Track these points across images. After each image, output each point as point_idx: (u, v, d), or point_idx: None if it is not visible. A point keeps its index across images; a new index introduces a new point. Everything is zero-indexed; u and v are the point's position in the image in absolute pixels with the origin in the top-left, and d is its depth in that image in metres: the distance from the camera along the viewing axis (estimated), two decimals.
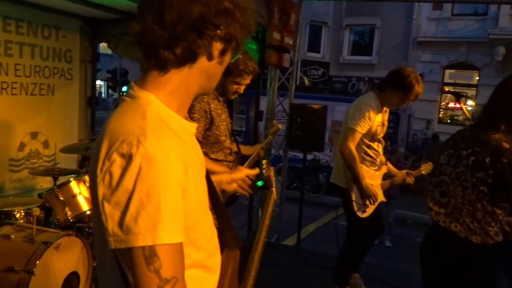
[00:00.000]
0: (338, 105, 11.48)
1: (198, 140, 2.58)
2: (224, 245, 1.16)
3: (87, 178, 3.13)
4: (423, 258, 2.29)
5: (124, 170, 0.85)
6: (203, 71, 1.02)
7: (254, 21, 1.06)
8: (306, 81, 16.61)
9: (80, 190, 3.08)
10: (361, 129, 3.23)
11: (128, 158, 0.86)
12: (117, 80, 15.67)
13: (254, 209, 5.07)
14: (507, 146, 1.93)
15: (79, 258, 2.88)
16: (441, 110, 16.46)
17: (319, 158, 11.17)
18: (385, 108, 3.38)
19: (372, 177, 3.44)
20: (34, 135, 4.37)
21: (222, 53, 1.02)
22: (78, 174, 3.23)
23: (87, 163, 3.27)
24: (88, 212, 3.08)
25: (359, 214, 3.39)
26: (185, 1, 0.93)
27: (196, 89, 1.05)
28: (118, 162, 0.86)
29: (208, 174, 1.15)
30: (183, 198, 0.90)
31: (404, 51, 16.24)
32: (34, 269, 2.47)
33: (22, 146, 4.24)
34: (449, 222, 2.09)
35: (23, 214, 2.95)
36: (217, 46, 1.00)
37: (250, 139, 5.07)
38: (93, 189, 0.92)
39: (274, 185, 1.71)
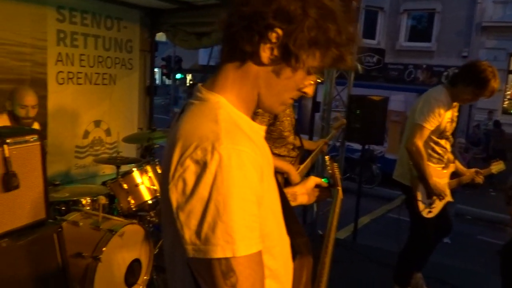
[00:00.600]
0: (394, 94, 11.06)
1: None
2: (295, 251, 1.11)
3: (148, 168, 3.19)
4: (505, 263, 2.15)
5: (199, 178, 0.81)
6: (255, 75, 0.92)
7: (348, 53, 0.91)
8: (360, 69, 16.15)
9: (142, 180, 3.15)
10: (430, 125, 3.03)
11: (203, 165, 0.81)
12: (171, 67, 16.01)
13: (308, 206, 5.00)
14: None
15: (141, 245, 2.95)
16: (505, 100, 15.48)
17: (373, 148, 10.85)
18: (455, 104, 3.17)
19: (439, 175, 3.25)
20: (97, 123, 4.53)
21: (275, 62, 0.89)
22: (140, 164, 3.30)
23: (148, 154, 3.34)
24: (150, 202, 3.14)
25: (424, 214, 3.22)
26: None
27: (255, 96, 0.95)
28: (192, 169, 0.82)
29: (276, 176, 1.08)
30: (258, 205, 0.85)
31: (467, 37, 15.35)
32: (101, 256, 2.55)
33: (86, 133, 4.41)
34: None
35: (89, 201, 3.05)
36: (266, 50, 0.88)
37: (304, 129, 4.95)
38: (164, 192, 0.88)
39: (340, 183, 1.62)
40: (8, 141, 1.86)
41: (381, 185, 9.98)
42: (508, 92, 15.36)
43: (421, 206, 3.20)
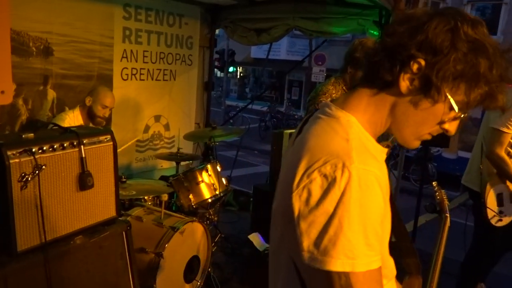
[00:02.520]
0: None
1: None
2: (405, 271, 1.13)
3: (209, 167, 3.23)
4: None
5: (326, 192, 0.83)
6: (391, 104, 0.94)
7: (497, 94, 0.89)
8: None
9: (203, 178, 3.19)
10: (508, 129, 2.85)
11: (332, 180, 0.83)
12: (224, 61, 16.12)
13: None
14: None
15: (200, 243, 3.01)
16: None
17: (430, 147, 10.46)
18: None
19: None
20: (157, 118, 4.65)
21: (413, 92, 0.90)
22: (201, 163, 3.35)
23: (209, 152, 3.38)
24: (209, 200, 3.19)
25: (493, 222, 3.04)
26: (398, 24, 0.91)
27: (386, 124, 0.97)
28: (318, 182, 0.85)
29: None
30: (381, 225, 0.87)
31: None
32: (163, 252, 2.62)
33: (147, 128, 4.54)
34: None
35: (151, 197, 3.14)
36: (406, 79, 0.89)
37: None
38: (283, 201, 0.91)
39: (447, 210, 1.59)
40: (84, 141, 1.94)
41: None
42: None
43: (490, 213, 3.01)
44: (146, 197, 3.13)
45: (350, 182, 0.82)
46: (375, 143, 0.97)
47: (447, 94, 0.87)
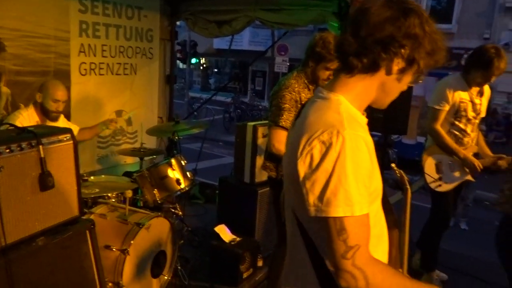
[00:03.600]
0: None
1: (288, 129, 2.57)
2: (388, 226, 1.32)
3: (173, 161, 3.22)
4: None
5: (325, 154, 1.05)
6: (381, 83, 1.18)
7: (443, 54, 1.18)
8: None
9: (167, 173, 3.18)
10: (439, 105, 3.26)
11: (328, 145, 1.05)
12: (187, 52, 15.92)
13: None
14: None
15: (166, 237, 3.01)
16: None
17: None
18: (477, 89, 3.29)
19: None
20: (118, 113, 4.57)
21: (401, 71, 1.16)
22: (166, 158, 3.34)
23: (173, 146, 3.36)
24: (175, 195, 3.18)
25: (432, 186, 3.37)
26: (380, 21, 1.11)
27: (372, 98, 1.22)
28: (318, 148, 1.06)
29: None
30: (369, 179, 1.09)
31: (489, 18, 14.95)
32: (129, 249, 2.61)
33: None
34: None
35: (115, 193, 3.10)
36: (398, 63, 1.14)
37: None
38: (290, 170, 1.14)
39: (408, 184, 1.77)
40: (43, 141, 1.90)
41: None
42: None
43: (428, 179, 3.38)
44: (110, 194, 3.09)
45: (344, 145, 1.04)
46: (360, 115, 1.20)
47: (422, 66, 1.16)
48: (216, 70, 25.68)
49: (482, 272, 3.93)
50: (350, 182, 1.04)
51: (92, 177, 3.23)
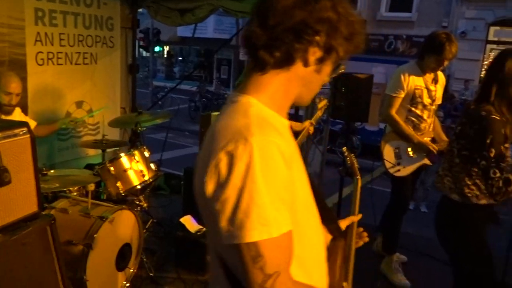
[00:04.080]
0: (375, 66, 11.10)
1: None
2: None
3: (136, 153, 3.18)
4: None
5: (232, 168, 0.88)
6: (300, 77, 1.04)
7: (362, 38, 1.05)
8: None
9: (130, 165, 3.14)
10: (395, 93, 3.35)
11: (236, 156, 0.89)
12: (150, 40, 15.60)
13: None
14: (498, 117, 2.13)
15: (131, 230, 2.98)
16: (483, 69, 15.72)
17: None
18: (432, 75, 3.39)
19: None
20: (79, 104, 4.45)
21: (320, 61, 1.02)
22: (128, 149, 3.29)
23: (136, 138, 3.31)
24: (138, 187, 3.15)
25: (391, 171, 3.48)
26: (288, 7, 0.97)
27: (294, 95, 1.07)
28: (225, 161, 0.90)
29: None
30: (286, 191, 0.93)
31: (447, 7, 15.37)
32: (92, 243, 2.57)
33: (68, 115, 4.33)
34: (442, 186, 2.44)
35: (76, 187, 3.04)
36: (314, 52, 1.00)
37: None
38: (199, 189, 0.96)
39: (359, 173, 1.68)
40: None
41: (361, 156, 10.16)
42: (486, 62, 15.60)
43: (387, 164, 3.49)
44: (71, 188, 3.02)
45: (252, 154, 0.88)
46: (278, 117, 1.04)
47: (341, 54, 1.03)
48: (180, 58, 25.31)
49: (441, 253, 4.09)
50: (264, 197, 0.87)
51: (52, 171, 3.15)
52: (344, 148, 1.84)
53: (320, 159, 5.17)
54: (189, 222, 3.44)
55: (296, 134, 3.10)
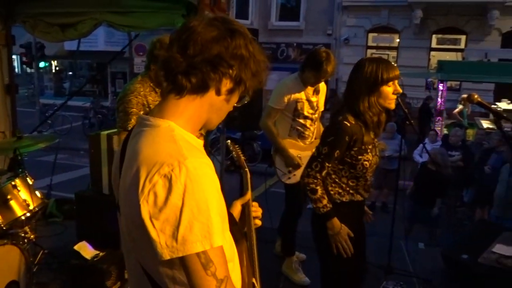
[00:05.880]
0: (269, 74, 11.49)
1: None
2: (235, 239, 1.28)
3: (18, 181, 2.93)
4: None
5: (170, 189, 0.97)
6: (212, 104, 1.15)
7: (266, 75, 1.20)
8: None
9: (11, 195, 2.87)
10: (276, 105, 3.50)
11: (172, 178, 0.97)
12: (32, 55, 14.44)
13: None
14: (349, 124, 2.22)
15: (17, 266, 2.75)
16: None
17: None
18: (312, 88, 3.54)
19: (300, 149, 3.63)
20: None
21: (230, 92, 1.14)
22: (9, 178, 3.02)
23: (16, 165, 3.03)
24: (23, 218, 2.90)
25: (283, 180, 3.62)
26: (208, 40, 1.08)
27: (204, 120, 1.17)
28: (161, 183, 0.98)
29: None
30: (220, 205, 1.04)
31: (330, 16, 16.53)
32: None
33: None
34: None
35: None
36: (226, 84, 1.12)
37: None
38: (129, 210, 1.04)
39: (246, 165, 1.66)
40: None
41: (262, 161, 10.44)
42: None
43: (279, 172, 3.63)
44: None
45: (189, 175, 0.97)
46: (196, 139, 1.15)
47: (248, 87, 1.16)
48: (71, 73, 23.83)
49: None
50: (204, 212, 0.98)
51: None
52: (229, 141, 1.81)
53: (220, 168, 5.21)
54: (85, 249, 3.26)
55: None
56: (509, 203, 5.49)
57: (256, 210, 1.58)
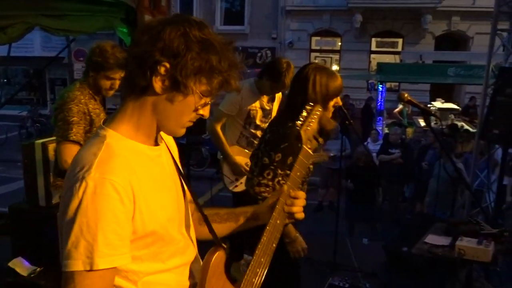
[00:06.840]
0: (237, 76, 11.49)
1: (79, 143, 2.45)
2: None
3: None
4: None
5: (69, 202, 0.96)
6: (155, 105, 1.07)
7: (233, 77, 1.08)
8: None
9: None
10: (225, 109, 3.38)
11: (73, 192, 0.96)
12: None
13: None
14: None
15: None
16: None
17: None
18: (266, 97, 3.45)
19: (248, 156, 3.58)
20: None
21: (167, 90, 1.04)
22: None
23: None
24: None
25: (230, 187, 3.54)
26: (139, 37, 1.04)
27: (154, 123, 1.10)
28: (67, 194, 0.98)
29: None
30: (123, 226, 0.99)
31: (274, 20, 16.78)
32: None
33: None
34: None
35: None
36: (158, 81, 1.03)
37: None
38: None
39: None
40: None
41: (211, 166, 10.38)
42: None
43: (226, 180, 3.53)
44: None
45: (86, 191, 0.95)
46: (137, 146, 1.09)
47: (193, 87, 1.03)
48: (5, 80, 22.50)
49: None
50: (92, 232, 0.94)
51: None
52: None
53: None
54: (20, 265, 3.08)
55: None
56: (440, 196, 5.84)
57: (294, 204, 1.35)
